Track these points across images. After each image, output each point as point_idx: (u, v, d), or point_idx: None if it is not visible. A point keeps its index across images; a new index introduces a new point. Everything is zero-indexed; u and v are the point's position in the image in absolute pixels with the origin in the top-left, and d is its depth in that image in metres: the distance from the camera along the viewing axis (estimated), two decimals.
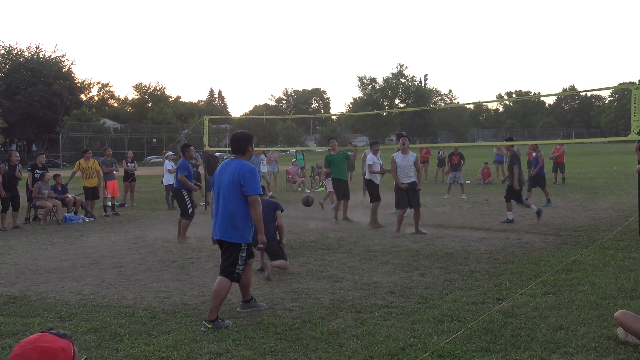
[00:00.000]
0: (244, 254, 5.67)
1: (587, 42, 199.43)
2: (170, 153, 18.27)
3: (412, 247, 9.50)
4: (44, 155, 15.72)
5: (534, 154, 16.14)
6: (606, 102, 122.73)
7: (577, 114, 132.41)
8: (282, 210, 8.09)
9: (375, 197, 12.53)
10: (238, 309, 6.05)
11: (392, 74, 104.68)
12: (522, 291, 6.42)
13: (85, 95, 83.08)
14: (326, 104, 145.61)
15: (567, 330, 5.10)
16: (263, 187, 6.65)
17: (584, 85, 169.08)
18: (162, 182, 18.16)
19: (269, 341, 5.08)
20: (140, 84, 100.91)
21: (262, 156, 20.62)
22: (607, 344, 4.78)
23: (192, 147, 11.56)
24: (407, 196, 11.15)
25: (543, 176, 15.56)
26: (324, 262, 8.49)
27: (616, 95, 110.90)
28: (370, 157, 12.76)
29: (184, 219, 10.79)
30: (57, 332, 2.43)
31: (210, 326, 5.45)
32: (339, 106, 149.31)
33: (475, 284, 6.91)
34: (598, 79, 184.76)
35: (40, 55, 68.61)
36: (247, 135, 5.94)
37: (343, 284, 7.08)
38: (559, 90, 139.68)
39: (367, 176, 13.06)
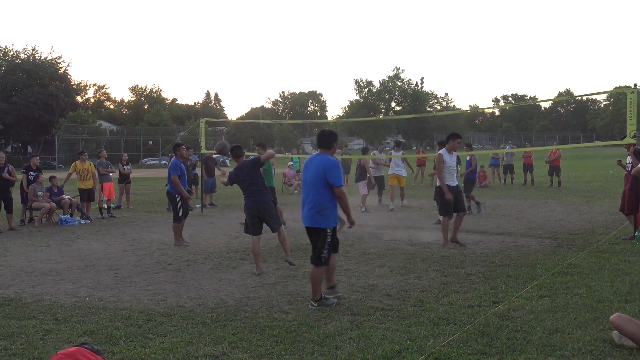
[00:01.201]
0: (329, 239, 6.29)
1: (584, 46, 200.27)
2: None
3: (409, 250, 9.51)
4: (38, 157, 15.69)
5: (467, 157, 15.29)
6: (601, 105, 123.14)
7: (573, 117, 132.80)
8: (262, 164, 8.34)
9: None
10: (324, 295, 6.34)
11: (389, 77, 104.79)
12: (518, 294, 6.44)
13: (81, 97, 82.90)
14: (322, 107, 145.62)
15: (563, 334, 5.11)
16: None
17: (579, 89, 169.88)
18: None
19: (266, 344, 5.07)
20: (137, 86, 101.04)
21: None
22: (602, 347, 4.80)
23: (184, 146, 11.55)
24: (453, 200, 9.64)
25: (473, 180, 14.93)
26: None
27: (611, 99, 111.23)
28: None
29: (174, 222, 10.71)
30: (91, 347, 2.46)
31: (316, 305, 6.15)
32: (335, 109, 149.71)
33: (472, 287, 6.92)
34: (594, 83, 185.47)
35: (37, 57, 68.44)
36: (333, 132, 6.64)
37: (339, 287, 7.06)
38: (555, 93, 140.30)
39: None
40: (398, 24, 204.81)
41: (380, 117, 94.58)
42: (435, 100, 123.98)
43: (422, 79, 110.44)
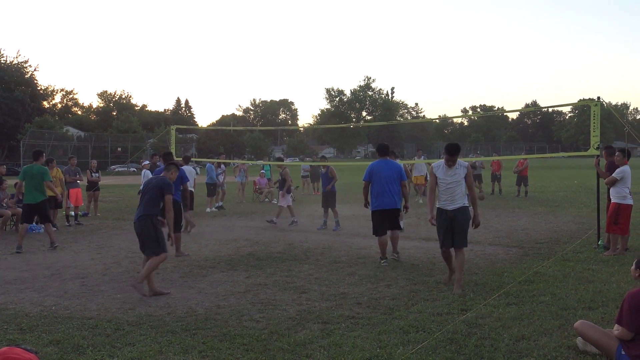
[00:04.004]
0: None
1: (550, 59, 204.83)
2: (147, 162, 17.95)
3: (379, 258, 9.56)
4: (4, 167, 15.41)
5: (322, 170, 14.42)
6: (567, 117, 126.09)
7: (539, 128, 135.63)
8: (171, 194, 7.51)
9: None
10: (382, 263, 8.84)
11: (360, 86, 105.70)
12: (486, 302, 6.54)
13: (48, 103, 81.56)
14: (294, 115, 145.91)
15: (529, 340, 5.22)
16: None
17: (545, 101, 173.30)
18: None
19: (236, 352, 5.05)
20: (106, 91, 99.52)
21: (223, 167, 20.52)
22: (567, 353, 4.91)
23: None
24: (445, 229, 7.58)
25: (333, 192, 13.71)
26: (291, 273, 8.49)
27: (576, 112, 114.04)
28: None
29: (177, 233, 10.10)
30: (25, 346, 2.44)
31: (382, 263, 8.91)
32: (306, 117, 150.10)
33: (441, 295, 7.00)
34: (559, 95, 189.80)
35: (2, 61, 67.07)
36: (387, 145, 9.89)
37: (310, 295, 7.09)
38: (521, 104, 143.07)
39: None
40: (369, 34, 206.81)
41: (351, 126, 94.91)
42: (406, 110, 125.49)
43: (392, 88, 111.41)
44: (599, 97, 10.11)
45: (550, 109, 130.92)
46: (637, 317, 4.56)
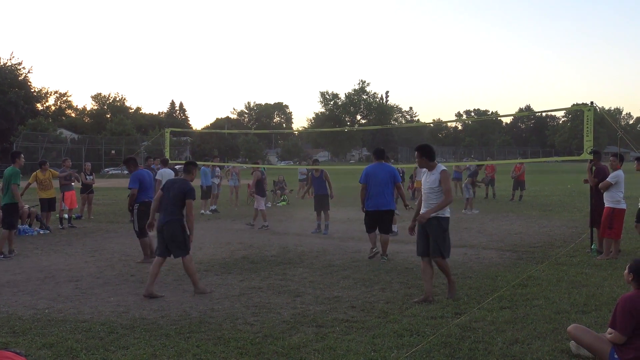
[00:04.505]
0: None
1: (543, 64, 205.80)
2: (154, 163, 17.65)
3: (373, 262, 9.58)
4: None
5: (316, 174, 13.80)
6: (560, 122, 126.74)
7: (533, 133, 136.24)
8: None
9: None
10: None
11: (354, 90, 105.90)
12: (480, 306, 6.56)
13: (42, 105, 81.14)
14: (288, 119, 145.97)
15: (523, 344, 5.23)
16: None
17: (539, 105, 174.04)
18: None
19: (230, 356, 5.05)
20: (100, 94, 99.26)
21: (218, 170, 20.50)
22: (560, 357, 4.93)
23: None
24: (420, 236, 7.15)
25: (326, 196, 13.50)
26: (285, 276, 8.49)
27: (570, 116, 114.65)
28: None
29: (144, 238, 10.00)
30: (14, 350, 2.43)
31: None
32: (301, 121, 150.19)
33: (435, 298, 7.01)
34: (553, 100, 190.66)
35: None
36: (384, 149, 10.64)
37: (304, 299, 7.09)
38: (515, 109, 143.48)
39: None
40: (364, 38, 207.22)
41: (345, 130, 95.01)
42: (400, 114, 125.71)
43: (387, 92, 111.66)
44: (592, 102, 10.18)
45: (543, 114, 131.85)
46: (631, 321, 4.58)
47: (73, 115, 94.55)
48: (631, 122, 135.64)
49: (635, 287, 4.72)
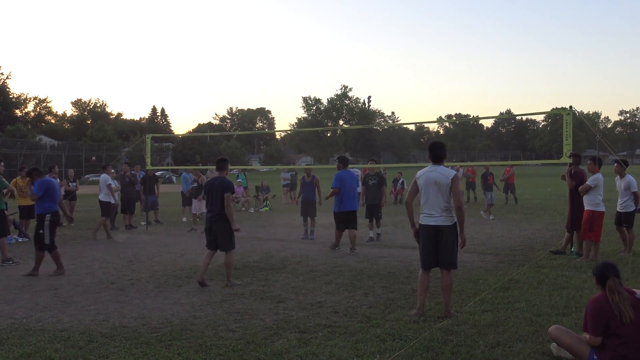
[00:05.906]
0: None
1: (523, 69, 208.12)
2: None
3: (356, 266, 9.58)
4: None
5: (307, 179, 13.78)
6: (540, 126, 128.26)
7: (514, 137, 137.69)
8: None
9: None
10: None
11: (337, 95, 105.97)
12: (462, 309, 6.58)
13: (21, 111, 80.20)
14: (271, 124, 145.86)
15: (505, 347, 5.26)
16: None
17: (519, 110, 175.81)
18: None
19: None
20: (80, 100, 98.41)
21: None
22: (542, 359, 4.96)
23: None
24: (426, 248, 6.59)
25: (313, 202, 13.58)
26: (267, 282, 8.45)
27: (549, 120, 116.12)
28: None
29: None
30: None
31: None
32: (283, 126, 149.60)
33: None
34: (533, 104, 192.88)
35: None
36: (347, 157, 11.89)
37: (287, 304, 7.06)
38: (496, 113, 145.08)
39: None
40: (346, 43, 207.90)
41: (328, 134, 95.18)
42: (382, 119, 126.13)
43: (369, 97, 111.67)
44: (571, 106, 10.29)
45: (524, 118, 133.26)
46: (600, 322, 4.63)
47: (53, 121, 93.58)
48: (609, 125, 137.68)
49: (601, 288, 4.78)
